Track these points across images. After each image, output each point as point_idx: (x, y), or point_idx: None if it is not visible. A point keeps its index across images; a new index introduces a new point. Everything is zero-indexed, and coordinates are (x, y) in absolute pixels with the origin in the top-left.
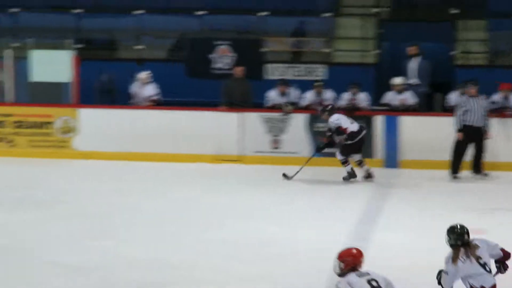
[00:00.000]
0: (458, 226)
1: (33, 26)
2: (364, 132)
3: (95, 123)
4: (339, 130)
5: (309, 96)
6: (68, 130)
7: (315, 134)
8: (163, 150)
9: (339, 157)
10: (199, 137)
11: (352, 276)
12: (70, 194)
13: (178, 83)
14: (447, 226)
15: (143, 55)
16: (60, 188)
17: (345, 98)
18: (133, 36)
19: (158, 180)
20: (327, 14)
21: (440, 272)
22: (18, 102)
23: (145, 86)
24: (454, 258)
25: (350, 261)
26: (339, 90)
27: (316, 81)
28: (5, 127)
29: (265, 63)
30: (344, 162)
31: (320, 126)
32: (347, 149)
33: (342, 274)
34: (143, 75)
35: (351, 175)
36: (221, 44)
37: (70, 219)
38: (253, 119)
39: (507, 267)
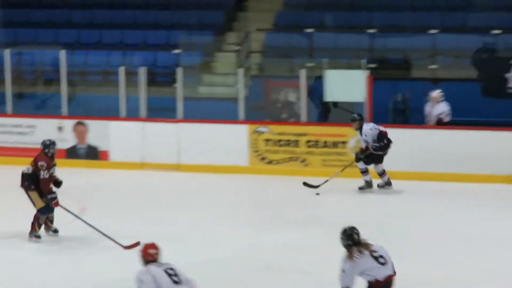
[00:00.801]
0: (348, 228)
1: (327, 46)
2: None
3: None
4: (381, 134)
5: None
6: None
7: None
8: (453, 170)
9: (377, 169)
10: (493, 158)
11: (152, 266)
12: (360, 213)
13: (473, 102)
14: None
15: (438, 74)
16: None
17: None
18: (428, 55)
19: (448, 200)
20: None
21: None
22: (310, 121)
23: (436, 105)
24: (350, 256)
25: (150, 254)
26: None
27: None
28: (298, 147)
29: None
30: (381, 174)
31: None
32: (380, 160)
33: (144, 264)
34: (435, 93)
35: (387, 183)
36: None
37: None
38: None
39: None
